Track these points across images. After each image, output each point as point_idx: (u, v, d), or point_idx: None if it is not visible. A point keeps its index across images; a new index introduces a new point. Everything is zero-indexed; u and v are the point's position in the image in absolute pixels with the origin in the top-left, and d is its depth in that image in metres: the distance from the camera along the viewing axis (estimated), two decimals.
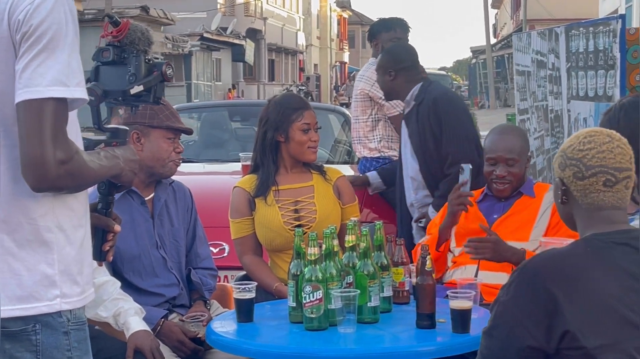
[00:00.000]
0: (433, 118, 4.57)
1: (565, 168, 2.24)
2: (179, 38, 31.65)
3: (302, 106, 3.89)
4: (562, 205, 2.29)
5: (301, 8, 55.50)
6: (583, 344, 2.05)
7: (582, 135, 2.26)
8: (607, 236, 2.18)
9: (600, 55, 5.63)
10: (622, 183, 2.22)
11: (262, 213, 3.84)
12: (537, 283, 2.11)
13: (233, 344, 3.01)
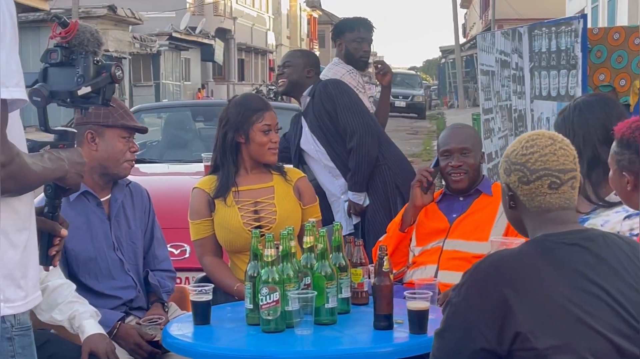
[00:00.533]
0: (325, 99, 4.87)
1: (510, 173, 2.25)
2: (147, 38, 31.51)
3: (262, 107, 3.86)
4: (511, 210, 2.29)
5: (271, 7, 55.44)
6: (535, 346, 2.04)
7: (524, 139, 2.27)
8: (557, 236, 2.18)
9: (563, 54, 5.65)
10: (568, 184, 2.22)
11: (222, 214, 3.80)
12: (489, 285, 2.11)
13: (189, 347, 2.98)
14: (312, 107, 4.94)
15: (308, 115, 4.97)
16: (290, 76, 5.00)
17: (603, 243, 2.19)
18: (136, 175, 4.65)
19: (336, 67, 5.50)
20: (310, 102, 4.96)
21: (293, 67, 5.00)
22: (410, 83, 37.13)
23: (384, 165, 4.87)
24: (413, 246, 4.00)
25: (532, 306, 2.06)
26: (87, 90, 2.22)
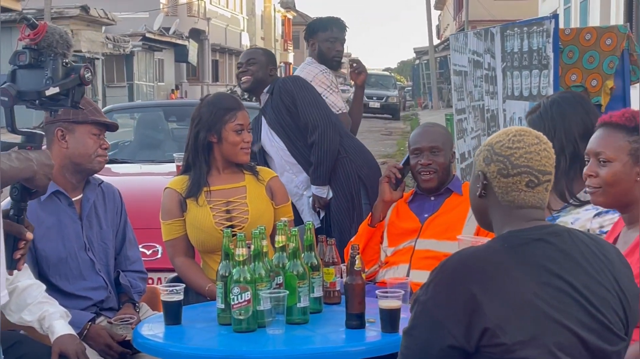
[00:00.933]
0: (285, 95, 4.89)
1: (491, 163, 2.24)
2: (120, 38, 31.35)
3: (235, 107, 3.84)
4: (479, 199, 2.29)
5: (245, 8, 55.35)
6: (503, 341, 2.05)
7: (511, 132, 2.26)
8: (523, 232, 2.19)
9: (535, 55, 5.67)
10: (543, 186, 2.23)
11: (194, 214, 3.78)
12: (456, 282, 2.11)
13: (160, 348, 2.97)
14: (271, 103, 4.95)
15: (267, 112, 4.98)
16: (255, 74, 4.99)
17: (568, 239, 2.21)
18: (108, 175, 4.63)
19: (309, 66, 5.49)
20: (269, 99, 4.97)
21: (258, 65, 5.00)
22: (384, 84, 37.21)
23: (346, 157, 4.90)
24: (385, 246, 4.00)
25: (500, 302, 2.07)
26: (55, 90, 2.20)
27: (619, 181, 2.69)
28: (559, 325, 2.09)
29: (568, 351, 2.09)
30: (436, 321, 2.10)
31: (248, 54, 5.15)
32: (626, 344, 2.22)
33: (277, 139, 4.94)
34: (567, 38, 6.16)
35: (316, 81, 5.38)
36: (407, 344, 2.17)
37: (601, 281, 2.17)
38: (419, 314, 2.15)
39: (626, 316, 2.21)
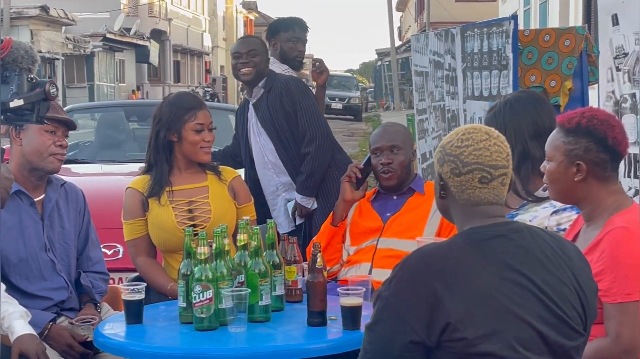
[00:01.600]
0: (286, 98, 4.79)
1: (444, 163, 2.27)
2: (80, 39, 31.10)
3: (195, 106, 3.83)
4: (441, 199, 2.32)
5: (207, 9, 55.12)
6: (464, 335, 2.08)
7: (460, 131, 2.29)
8: (484, 229, 2.22)
9: (494, 55, 5.72)
10: (498, 180, 2.24)
11: (156, 213, 3.78)
12: (417, 278, 2.13)
13: (121, 347, 2.95)
14: (267, 101, 4.84)
15: (260, 109, 4.86)
16: (257, 65, 4.84)
17: (528, 235, 2.24)
18: (68, 175, 4.59)
19: (271, 66, 5.49)
20: (264, 95, 4.86)
21: (260, 57, 4.87)
22: (346, 85, 37.29)
23: (335, 171, 4.82)
24: (347, 245, 4.02)
25: (461, 297, 2.10)
26: (19, 103, 2.21)
27: (557, 180, 2.76)
28: (519, 320, 2.12)
29: (528, 346, 2.12)
30: (398, 316, 2.12)
31: (248, 44, 4.95)
32: (585, 339, 2.26)
33: (265, 137, 4.87)
34: (526, 39, 6.22)
35: None
36: (369, 340, 2.18)
37: (560, 278, 2.20)
38: (381, 309, 2.16)
39: (584, 312, 2.24)
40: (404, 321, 2.11)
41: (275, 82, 4.87)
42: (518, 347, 2.10)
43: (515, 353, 2.10)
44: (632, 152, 4.45)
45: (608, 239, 2.63)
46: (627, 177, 4.49)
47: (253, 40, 5.03)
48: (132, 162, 6.69)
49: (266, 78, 4.89)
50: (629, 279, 2.56)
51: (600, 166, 2.69)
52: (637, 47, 4.34)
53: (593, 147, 2.67)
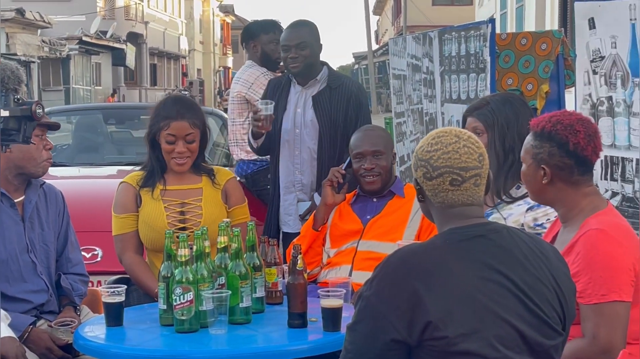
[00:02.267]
0: (354, 103, 4.67)
1: (417, 168, 2.31)
2: (56, 42, 30.95)
3: (171, 116, 3.79)
4: (421, 203, 2.36)
5: (183, 12, 55.00)
6: (445, 334, 2.10)
7: (431, 136, 2.32)
8: (463, 229, 2.24)
9: (472, 58, 5.75)
10: (470, 182, 2.26)
11: (148, 210, 3.79)
12: (399, 277, 2.15)
13: (101, 349, 2.95)
14: (330, 97, 4.67)
15: (320, 102, 4.68)
16: (307, 59, 4.64)
17: (507, 236, 2.26)
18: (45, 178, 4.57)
19: (250, 69, 5.50)
20: (327, 90, 4.69)
21: (309, 49, 4.65)
22: None
23: None
24: (328, 248, 4.03)
25: (441, 296, 2.12)
26: (5, 113, 2.21)
27: (528, 182, 2.82)
28: (499, 319, 2.14)
29: (508, 344, 2.14)
30: (380, 315, 2.14)
31: (296, 36, 4.67)
32: (564, 339, 2.28)
33: (310, 132, 4.68)
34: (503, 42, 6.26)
35: (257, 83, 5.39)
36: (351, 339, 2.20)
37: (539, 277, 2.22)
38: (363, 309, 2.18)
39: (563, 312, 2.26)
40: (386, 319, 2.13)
41: (344, 81, 4.75)
42: (498, 346, 2.12)
43: (496, 352, 2.12)
44: (609, 154, 4.50)
45: (583, 241, 2.66)
46: (604, 179, 4.53)
47: (300, 32, 4.71)
48: (110, 164, 6.68)
49: (329, 74, 4.73)
50: (603, 280, 2.59)
51: (566, 170, 2.73)
52: (614, 51, 4.39)
53: (556, 151, 2.72)
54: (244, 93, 5.41)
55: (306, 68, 4.68)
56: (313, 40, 4.68)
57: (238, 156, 5.56)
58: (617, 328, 2.58)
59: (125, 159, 6.87)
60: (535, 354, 2.19)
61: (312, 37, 4.69)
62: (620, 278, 2.59)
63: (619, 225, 2.71)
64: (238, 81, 5.51)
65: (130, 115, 7.70)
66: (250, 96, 5.38)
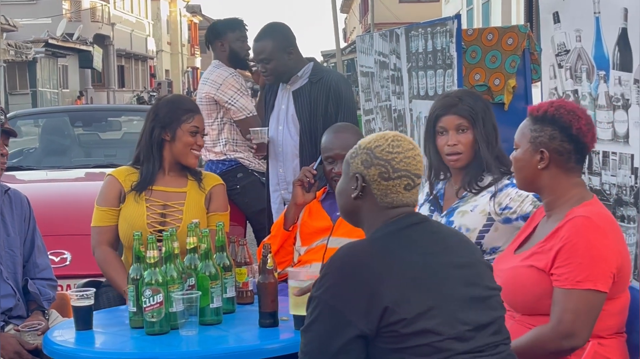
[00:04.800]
0: (334, 96, 4.64)
1: (371, 166, 2.34)
2: (22, 45, 30.69)
3: (193, 109, 3.90)
4: (354, 200, 2.38)
5: (150, 13, 54.76)
6: (402, 316, 2.15)
7: (389, 137, 2.36)
8: (397, 221, 2.31)
9: (439, 55, 5.76)
10: (417, 188, 2.37)
11: (129, 209, 3.80)
12: (348, 271, 2.20)
13: (71, 353, 2.92)
14: (310, 92, 4.65)
15: (300, 97, 4.67)
16: (274, 71, 4.66)
17: (436, 224, 2.41)
18: (12, 182, 4.54)
19: (218, 69, 5.46)
20: (308, 86, 4.66)
21: (276, 61, 4.65)
22: None
23: None
24: (298, 246, 4.03)
25: (393, 282, 2.17)
26: None
27: (522, 167, 2.82)
28: (451, 295, 2.21)
29: (462, 319, 2.20)
30: (335, 312, 2.17)
31: (260, 51, 4.67)
32: (504, 313, 2.35)
33: (292, 127, 4.70)
34: (469, 38, 6.28)
35: (226, 84, 5.35)
36: (307, 341, 2.22)
37: (472, 260, 2.33)
38: (316, 308, 2.21)
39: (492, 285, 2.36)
40: (341, 314, 2.16)
41: (324, 75, 4.72)
42: (453, 321, 2.19)
43: (451, 328, 2.18)
44: None
45: (568, 226, 2.67)
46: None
47: (262, 45, 4.67)
48: (78, 167, 6.64)
49: (312, 69, 4.71)
50: (582, 267, 2.61)
51: (564, 155, 2.75)
52: (579, 44, 4.41)
53: (558, 135, 2.74)
54: (213, 94, 5.38)
55: (279, 78, 4.71)
56: (278, 51, 4.63)
57: (206, 157, 5.53)
58: (584, 317, 2.59)
59: (93, 161, 6.83)
60: (485, 327, 2.24)
61: (277, 47, 4.64)
62: (600, 268, 2.60)
63: (605, 216, 2.73)
64: (206, 82, 5.47)
65: (97, 118, 7.66)
66: (219, 97, 5.35)
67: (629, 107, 4.05)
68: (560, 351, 2.60)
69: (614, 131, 4.20)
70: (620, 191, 4.17)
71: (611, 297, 2.66)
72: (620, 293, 2.69)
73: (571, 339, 2.58)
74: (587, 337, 2.59)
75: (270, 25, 4.83)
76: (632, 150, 4.05)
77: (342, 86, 4.72)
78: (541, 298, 2.66)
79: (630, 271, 2.73)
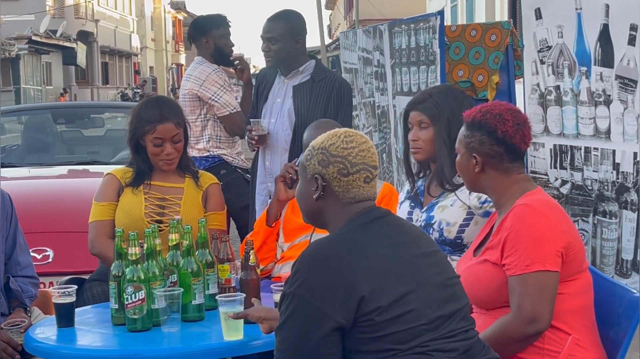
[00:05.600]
0: (336, 98, 4.62)
1: (329, 165, 2.37)
2: (5, 41, 30.51)
3: (155, 119, 3.79)
4: (316, 201, 2.40)
5: (134, 10, 54.58)
6: (378, 304, 2.18)
7: (341, 134, 2.41)
8: (361, 216, 2.35)
9: (422, 51, 5.77)
10: (375, 179, 2.41)
11: (127, 199, 3.82)
12: (321, 265, 2.22)
13: (52, 350, 2.90)
14: (311, 89, 4.64)
15: (300, 93, 4.65)
16: (278, 54, 4.63)
17: (397, 217, 2.46)
18: None
19: (201, 66, 5.45)
20: (309, 85, 4.66)
21: (282, 44, 4.62)
22: None
23: None
24: (281, 242, 4.02)
25: (366, 271, 2.21)
26: None
27: (462, 171, 2.92)
28: (422, 282, 2.26)
29: (434, 306, 2.25)
30: (310, 305, 2.19)
31: (269, 29, 4.65)
32: (468, 300, 2.40)
33: (286, 121, 4.67)
34: (453, 34, 6.30)
35: (210, 80, 5.34)
36: (281, 340, 2.25)
37: (435, 249, 2.40)
38: (290, 304, 2.22)
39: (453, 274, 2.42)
40: (318, 310, 2.18)
41: (328, 75, 4.72)
42: (427, 307, 2.23)
43: (425, 314, 2.22)
44: (557, 143, 4.54)
45: (510, 216, 2.73)
46: (554, 168, 4.58)
47: (275, 25, 4.66)
48: (61, 164, 6.61)
49: (315, 67, 4.70)
50: (528, 251, 2.65)
51: (496, 158, 2.81)
52: (560, 40, 4.43)
53: (486, 139, 2.80)
54: (196, 90, 5.37)
55: (279, 63, 4.67)
56: (287, 35, 4.63)
57: (190, 153, 5.51)
58: (542, 298, 2.62)
59: (76, 159, 6.81)
60: (455, 312, 2.30)
61: (288, 31, 4.64)
62: (545, 249, 2.65)
63: (545, 201, 2.79)
64: (189, 78, 5.45)
65: (80, 114, 7.63)
66: (202, 93, 5.34)
67: (611, 103, 4.07)
68: (526, 337, 2.64)
69: (595, 127, 4.22)
70: (602, 186, 4.19)
71: (568, 278, 2.70)
72: (576, 273, 2.72)
73: (535, 324, 2.61)
74: (550, 318, 2.63)
75: (288, 9, 4.86)
76: (614, 146, 4.07)
77: (345, 89, 4.72)
78: (499, 289, 2.70)
79: (583, 252, 2.78)
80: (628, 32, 3.87)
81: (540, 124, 4.63)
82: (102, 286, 3.81)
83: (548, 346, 2.67)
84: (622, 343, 2.72)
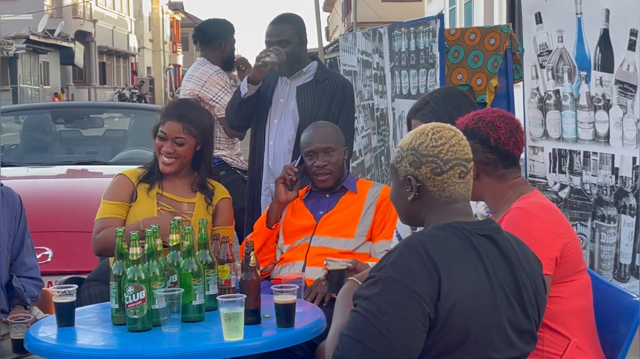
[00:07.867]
0: (340, 99, 4.61)
1: (421, 165, 2.28)
2: (3, 41, 30.48)
3: (167, 114, 3.89)
4: (412, 203, 2.32)
5: (132, 10, 54.56)
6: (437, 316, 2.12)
7: (429, 131, 2.31)
8: (470, 225, 2.26)
9: (421, 54, 5.79)
10: (470, 173, 2.31)
11: (142, 207, 3.82)
12: (423, 255, 2.14)
13: (53, 349, 2.90)
14: (315, 90, 4.62)
15: (303, 94, 4.62)
16: (289, 55, 4.57)
17: (504, 239, 2.31)
18: None
19: (203, 67, 5.47)
20: (313, 84, 4.63)
21: (292, 45, 4.59)
22: None
23: None
24: (281, 244, 4.03)
25: (455, 283, 2.13)
26: None
27: None
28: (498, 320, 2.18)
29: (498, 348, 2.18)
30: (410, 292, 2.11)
31: (278, 32, 4.62)
32: (534, 348, 2.31)
33: (290, 122, 4.64)
34: (452, 38, 6.32)
35: (211, 81, 5.36)
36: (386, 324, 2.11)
37: (526, 285, 2.28)
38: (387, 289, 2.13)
39: (538, 319, 2.32)
40: (418, 296, 2.10)
41: (331, 75, 4.71)
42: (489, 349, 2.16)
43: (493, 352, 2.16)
44: (557, 147, 4.55)
45: (505, 220, 2.73)
46: (553, 172, 4.59)
47: (283, 27, 4.65)
48: (60, 164, 6.61)
49: (317, 67, 4.70)
50: None
51: (490, 165, 2.80)
52: (560, 45, 4.44)
53: (479, 147, 2.78)
54: (197, 91, 5.38)
55: (289, 65, 4.63)
56: (296, 37, 4.62)
57: None
58: None
59: (75, 158, 6.81)
60: None
61: (295, 33, 4.63)
62: (538, 253, 2.64)
63: (540, 203, 2.78)
64: (190, 79, 5.47)
65: (79, 114, 7.62)
66: (203, 94, 5.36)
67: (610, 108, 4.08)
68: None
69: (594, 131, 4.23)
70: (601, 191, 4.20)
71: (565, 279, 2.70)
72: (573, 274, 2.73)
73: None
74: None
75: (288, 13, 4.84)
76: (613, 151, 4.08)
77: (348, 90, 4.71)
78: None
79: (580, 253, 2.78)
80: (628, 37, 3.89)
81: (539, 128, 4.65)
82: (99, 286, 3.81)
83: (547, 348, 2.68)
84: (622, 346, 2.73)
